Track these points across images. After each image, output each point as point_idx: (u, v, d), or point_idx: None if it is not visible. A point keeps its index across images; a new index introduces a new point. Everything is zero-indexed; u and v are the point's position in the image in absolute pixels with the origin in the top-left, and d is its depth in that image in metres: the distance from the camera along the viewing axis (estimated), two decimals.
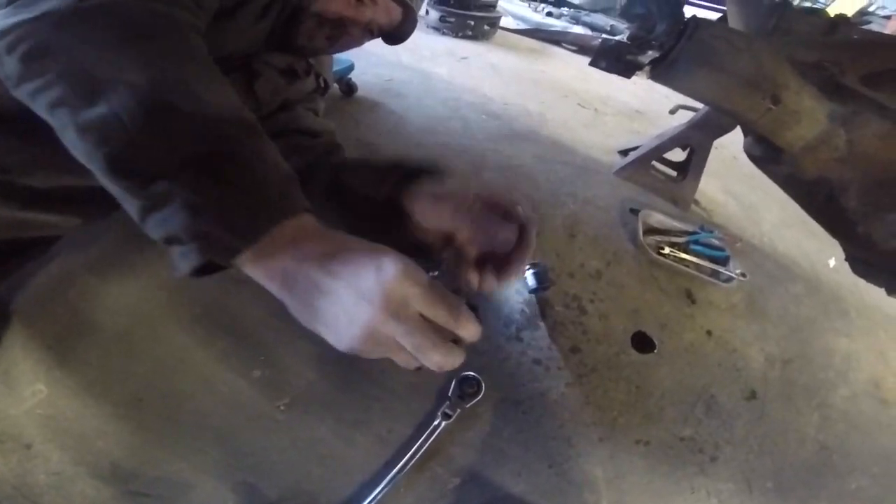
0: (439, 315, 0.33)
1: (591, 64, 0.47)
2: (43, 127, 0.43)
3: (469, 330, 0.34)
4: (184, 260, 0.32)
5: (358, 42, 0.68)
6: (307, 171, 0.64)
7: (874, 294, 1.20)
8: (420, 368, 0.35)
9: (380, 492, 0.63)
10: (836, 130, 0.65)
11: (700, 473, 0.78)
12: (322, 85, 0.79)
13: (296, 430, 0.66)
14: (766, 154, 0.72)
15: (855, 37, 1.19)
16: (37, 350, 0.66)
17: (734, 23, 1.05)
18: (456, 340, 0.35)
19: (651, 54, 0.61)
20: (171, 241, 0.32)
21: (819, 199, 0.74)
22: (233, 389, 0.68)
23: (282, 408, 0.68)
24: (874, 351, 1.07)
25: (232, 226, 0.32)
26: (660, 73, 0.69)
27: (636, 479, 0.74)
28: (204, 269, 0.33)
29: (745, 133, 0.80)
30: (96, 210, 0.59)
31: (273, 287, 0.34)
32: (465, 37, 2.02)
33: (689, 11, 0.89)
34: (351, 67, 1.31)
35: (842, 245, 0.85)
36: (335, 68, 1.24)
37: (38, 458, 0.58)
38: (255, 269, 0.34)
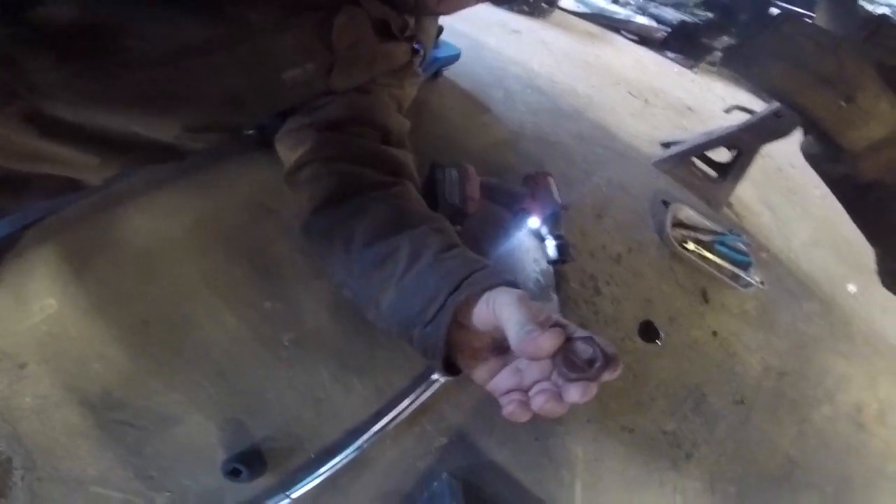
0: None
1: (662, 45, 0.47)
2: (87, 49, 0.44)
3: None
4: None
5: None
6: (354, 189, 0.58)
7: (885, 324, 1.19)
8: None
9: (365, 441, 0.63)
10: None
11: (672, 468, 0.80)
12: (420, 57, 0.70)
13: (296, 369, 0.66)
14: (825, 153, 0.73)
15: None
16: (54, 263, 0.65)
17: (823, 23, 1.01)
18: None
19: (726, 40, 0.61)
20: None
21: (869, 204, 0.74)
22: (241, 320, 0.67)
23: (286, 343, 0.68)
24: (867, 376, 1.08)
25: None
26: (734, 59, 0.70)
27: (613, 464, 0.77)
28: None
29: (806, 132, 0.80)
30: (116, 154, 0.55)
31: None
32: (520, 11, 1.96)
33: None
34: (457, 57, 1.11)
35: (878, 255, 0.86)
36: (439, 55, 1.09)
37: (28, 380, 0.57)
38: None
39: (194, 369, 0.63)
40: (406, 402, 0.67)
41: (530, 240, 0.90)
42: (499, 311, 0.38)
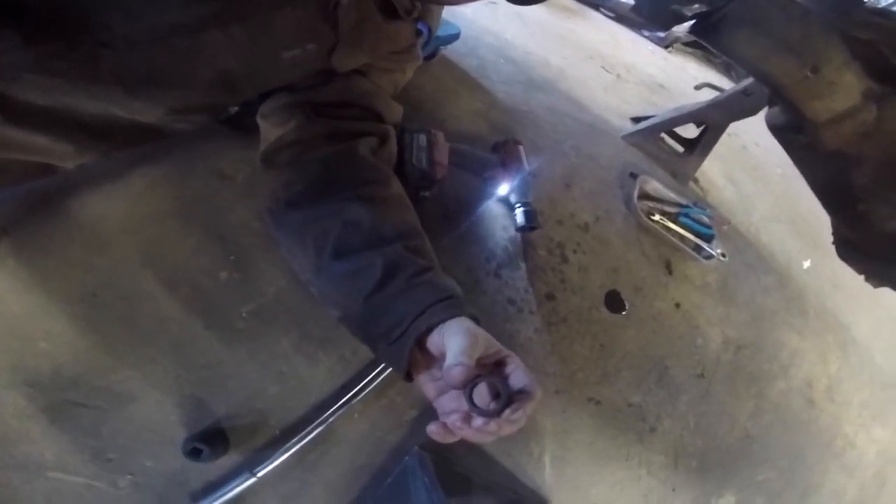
0: None
1: (632, 10, 0.46)
2: (61, 28, 0.39)
3: None
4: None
5: None
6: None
7: (836, 300, 1.26)
8: None
9: (332, 414, 0.61)
10: (867, 106, 0.66)
11: (638, 442, 0.82)
12: (423, 42, 0.69)
13: (256, 341, 0.63)
14: (788, 123, 0.74)
15: None
16: None
17: None
18: None
19: (697, 8, 0.60)
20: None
21: (829, 173, 0.76)
22: (196, 291, 0.63)
23: (245, 315, 0.64)
24: (818, 352, 1.13)
25: None
26: (703, 28, 0.69)
27: (581, 437, 0.78)
28: None
29: (771, 103, 0.81)
30: (94, 141, 0.51)
31: None
32: None
33: None
34: (457, 36, 1.08)
35: (834, 225, 0.88)
36: (439, 34, 0.98)
37: None
38: None
39: (148, 344, 0.59)
40: (373, 374, 0.64)
41: (499, 207, 0.89)
42: (447, 340, 0.44)
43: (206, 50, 0.48)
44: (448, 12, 1.07)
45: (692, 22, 0.74)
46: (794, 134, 0.74)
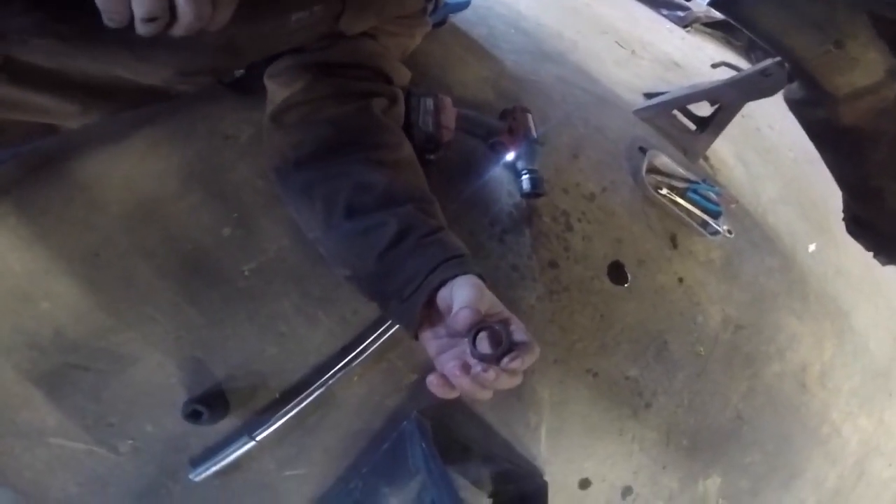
0: None
1: None
2: None
3: None
4: None
5: None
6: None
7: (838, 287, 1.25)
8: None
9: (331, 376, 0.60)
10: (889, 84, 0.64)
11: (632, 417, 0.82)
12: (431, 7, 0.69)
13: (257, 300, 0.63)
14: (807, 97, 0.72)
15: None
16: None
17: None
18: None
19: None
20: None
21: (844, 148, 0.75)
22: (198, 248, 0.63)
23: (246, 273, 0.63)
24: (815, 337, 1.12)
25: None
26: (724, 1, 0.68)
27: (578, 408, 0.77)
28: None
29: (791, 79, 0.79)
30: (99, 100, 0.51)
31: None
32: None
33: None
34: (467, 3, 1.04)
35: (846, 201, 0.88)
36: (448, 0, 0.98)
37: None
38: None
39: (148, 303, 0.59)
40: (373, 336, 0.64)
41: (504, 173, 0.88)
42: (455, 292, 0.46)
43: None
44: None
45: None
46: (811, 108, 0.73)
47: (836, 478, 1.04)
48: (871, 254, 0.91)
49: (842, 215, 0.90)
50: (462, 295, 0.45)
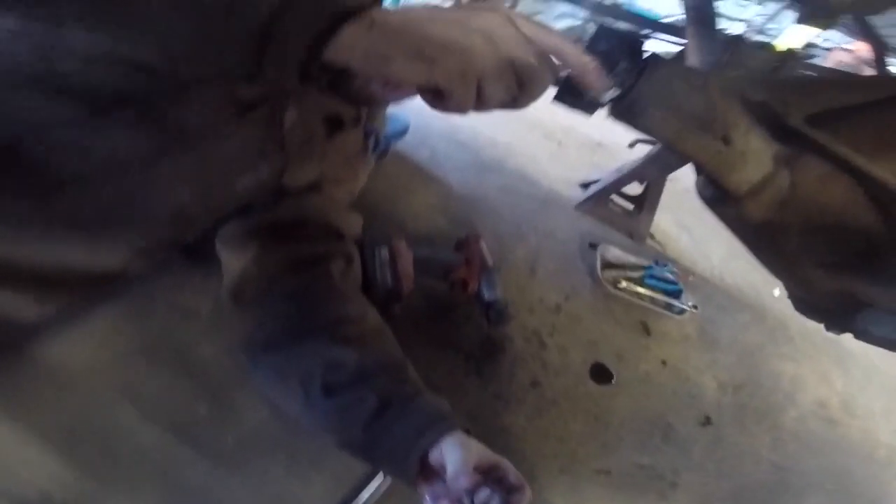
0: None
1: (556, 99, 0.48)
2: (5, 170, 0.39)
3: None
4: None
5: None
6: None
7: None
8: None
9: None
10: (780, 172, 0.63)
11: (661, 499, 0.80)
12: (372, 145, 0.71)
13: (247, 467, 0.63)
14: (715, 196, 0.74)
15: (800, 74, 1.25)
16: None
17: (692, 57, 1.11)
18: None
19: (613, 92, 0.60)
20: None
21: (764, 242, 0.75)
22: (176, 424, 0.63)
23: (230, 442, 0.64)
24: (818, 373, 1.13)
25: None
26: (619, 112, 0.69)
27: None
28: None
29: (698, 173, 0.83)
30: (52, 292, 0.50)
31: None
32: None
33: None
34: (406, 129, 1.09)
35: (784, 285, 0.90)
36: (388, 131, 1.03)
37: None
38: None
39: (133, 472, 0.59)
40: (372, 488, 0.64)
41: (469, 307, 0.91)
42: (445, 454, 0.50)
43: (159, 183, 0.48)
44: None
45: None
46: (722, 206, 0.76)
47: None
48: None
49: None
50: (453, 457, 0.49)
